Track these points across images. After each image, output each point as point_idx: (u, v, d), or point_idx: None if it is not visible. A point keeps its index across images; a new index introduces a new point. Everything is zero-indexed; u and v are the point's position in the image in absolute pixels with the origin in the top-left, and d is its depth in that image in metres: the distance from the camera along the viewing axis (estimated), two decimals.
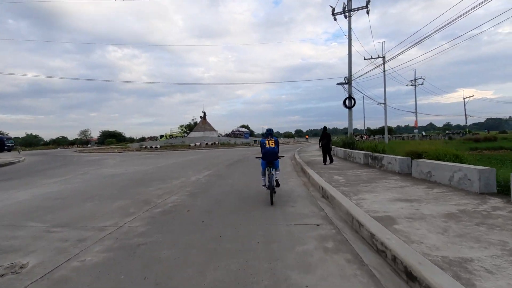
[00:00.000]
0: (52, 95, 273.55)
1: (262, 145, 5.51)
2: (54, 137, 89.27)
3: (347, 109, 17.43)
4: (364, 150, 12.95)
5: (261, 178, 5.83)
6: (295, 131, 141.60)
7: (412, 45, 15.89)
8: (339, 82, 17.20)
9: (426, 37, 14.09)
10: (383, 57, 29.82)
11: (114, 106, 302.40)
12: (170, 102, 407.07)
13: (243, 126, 71.72)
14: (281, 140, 62.21)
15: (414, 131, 45.02)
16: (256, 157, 6.05)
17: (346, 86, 17.23)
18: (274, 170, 5.38)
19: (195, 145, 39.08)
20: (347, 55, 17.13)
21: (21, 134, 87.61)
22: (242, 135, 52.72)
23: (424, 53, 38.42)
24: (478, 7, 10.01)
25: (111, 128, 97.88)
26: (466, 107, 56.08)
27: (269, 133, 5.79)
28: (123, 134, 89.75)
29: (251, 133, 69.17)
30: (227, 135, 52.49)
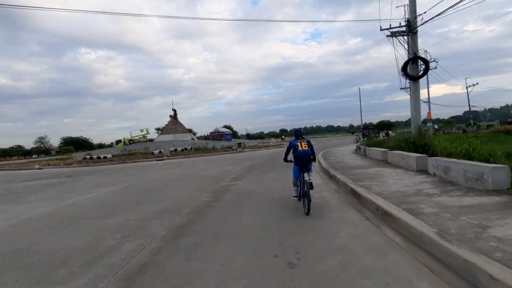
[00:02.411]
0: (19, 101, 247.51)
1: (294, 148, 4.85)
2: (13, 146, 76.56)
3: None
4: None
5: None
6: (279, 130, 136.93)
7: None
8: (386, 28, 8.92)
9: None
10: (408, 22, 22.05)
11: (90, 111, 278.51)
12: (150, 105, 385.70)
13: (225, 127, 62.49)
14: (264, 141, 54.18)
15: (427, 124, 38.16)
16: (286, 161, 5.42)
17: (403, 38, 9.04)
18: (307, 172, 4.81)
19: (160, 152, 29.97)
20: None
21: None
22: (223, 136, 43.62)
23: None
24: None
25: (86, 134, 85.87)
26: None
27: (299, 133, 4.98)
28: (89, 141, 78.28)
29: (234, 134, 60.21)
30: (205, 138, 43.33)
